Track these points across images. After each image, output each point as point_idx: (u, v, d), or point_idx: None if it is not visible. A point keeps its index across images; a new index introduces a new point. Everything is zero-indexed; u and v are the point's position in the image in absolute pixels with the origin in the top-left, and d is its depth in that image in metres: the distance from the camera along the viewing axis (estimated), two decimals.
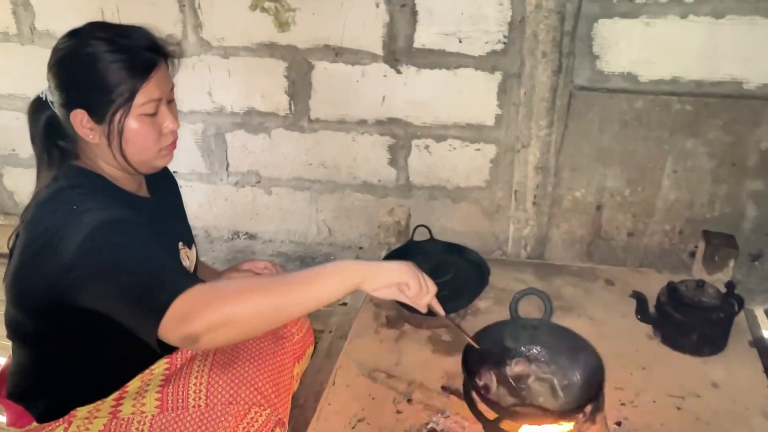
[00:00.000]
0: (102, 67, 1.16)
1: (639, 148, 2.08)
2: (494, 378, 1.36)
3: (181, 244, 1.41)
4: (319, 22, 2.11)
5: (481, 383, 1.30)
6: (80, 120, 1.18)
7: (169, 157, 1.30)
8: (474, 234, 2.35)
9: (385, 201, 2.37)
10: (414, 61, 2.12)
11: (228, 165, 2.44)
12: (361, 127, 2.26)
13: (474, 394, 1.27)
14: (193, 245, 1.49)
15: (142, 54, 1.18)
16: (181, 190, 2.48)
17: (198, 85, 2.30)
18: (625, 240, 2.24)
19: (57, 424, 1.30)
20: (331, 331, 1.79)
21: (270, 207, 2.50)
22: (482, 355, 1.38)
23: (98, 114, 1.18)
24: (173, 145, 1.28)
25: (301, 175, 2.41)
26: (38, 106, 1.24)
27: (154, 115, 1.21)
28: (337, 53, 2.15)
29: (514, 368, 1.39)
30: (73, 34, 1.19)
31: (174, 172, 2.44)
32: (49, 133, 1.24)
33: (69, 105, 1.19)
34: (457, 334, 1.75)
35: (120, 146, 1.21)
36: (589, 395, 1.22)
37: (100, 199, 1.18)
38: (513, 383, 1.35)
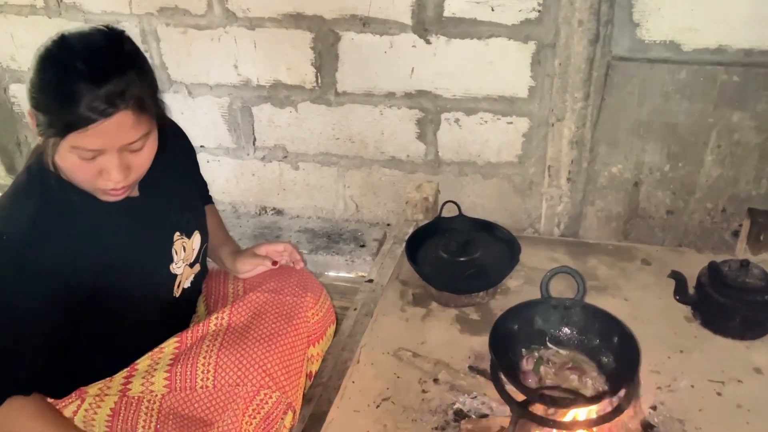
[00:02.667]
0: (50, 88, 1.06)
1: (681, 121, 1.97)
2: (524, 359, 1.30)
3: (177, 234, 1.35)
4: None
5: (509, 364, 1.24)
6: (33, 121, 1.11)
7: (113, 197, 1.17)
8: (505, 211, 2.28)
9: (414, 177, 2.31)
10: (444, 30, 2.04)
11: (255, 139, 2.41)
12: (389, 101, 2.20)
13: (502, 376, 1.21)
14: (196, 232, 1.41)
15: (94, 100, 1.03)
16: (209, 165, 2.50)
17: (224, 57, 2.25)
18: (663, 218, 2.14)
19: (70, 400, 1.30)
20: (356, 309, 1.75)
21: (297, 182, 2.46)
22: (511, 336, 1.32)
23: (38, 127, 1.09)
24: (118, 190, 1.15)
25: (327, 150, 2.36)
26: None
27: (92, 159, 1.09)
28: (364, 23, 2.09)
29: (545, 349, 1.33)
30: (60, 39, 1.09)
31: (201, 146, 2.46)
32: None
33: (29, 101, 1.10)
34: (486, 313, 1.71)
35: (54, 165, 1.13)
36: (624, 378, 1.15)
37: (23, 232, 1.11)
38: (543, 365, 1.29)
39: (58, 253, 1.14)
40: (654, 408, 1.42)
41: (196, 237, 1.42)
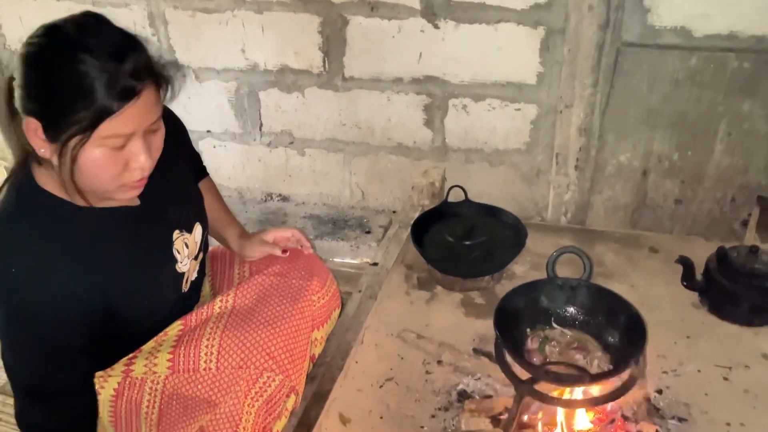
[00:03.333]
0: (69, 82, 0.98)
1: (690, 109, 1.95)
2: (529, 338, 1.29)
3: (176, 233, 1.32)
4: None
5: (514, 342, 1.23)
6: (33, 129, 1.02)
7: (134, 191, 1.13)
8: (512, 199, 2.26)
9: (420, 164, 2.29)
10: (453, 15, 2.02)
11: (261, 125, 2.40)
12: (396, 86, 2.19)
13: (506, 354, 1.20)
14: (197, 224, 1.38)
15: (121, 79, 0.99)
16: (215, 150, 2.49)
17: (231, 41, 2.25)
18: (671, 208, 2.12)
19: None
20: (360, 291, 1.74)
21: (303, 169, 2.46)
22: (516, 315, 1.31)
23: (53, 132, 1.01)
24: (141, 181, 1.11)
25: (334, 136, 2.35)
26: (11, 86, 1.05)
27: (121, 148, 1.05)
28: (372, 7, 2.08)
29: (550, 329, 1.31)
30: (53, 31, 1.02)
31: (207, 131, 2.46)
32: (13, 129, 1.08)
33: (26, 110, 1.02)
34: (491, 298, 1.70)
35: (71, 172, 1.03)
36: (630, 356, 1.14)
37: (28, 262, 1.09)
38: (548, 344, 1.27)
39: (65, 276, 1.12)
40: (659, 392, 1.41)
41: (197, 229, 1.39)
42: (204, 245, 1.46)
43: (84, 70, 0.98)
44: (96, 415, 1.27)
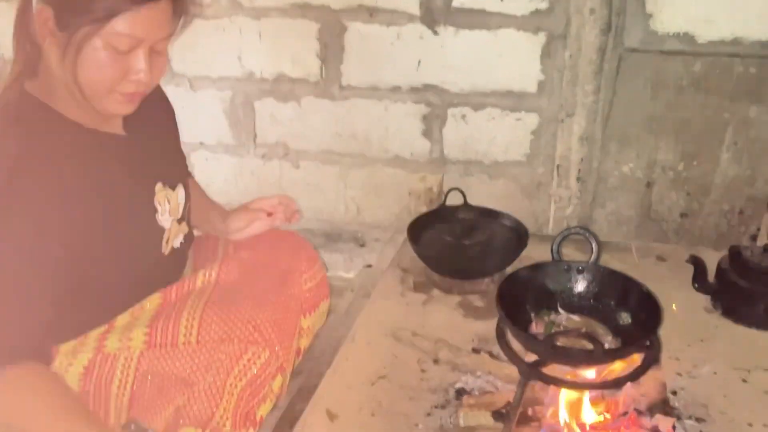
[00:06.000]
0: None
1: (695, 116, 1.91)
2: (533, 323, 1.20)
3: (159, 185, 1.25)
4: None
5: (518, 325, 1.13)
6: (44, 19, 1.01)
7: (124, 106, 1.11)
8: (511, 214, 2.19)
9: (417, 177, 2.23)
10: (452, 21, 2.00)
11: (255, 136, 2.35)
12: (394, 95, 2.15)
13: (509, 335, 1.10)
14: (180, 186, 1.32)
15: None
16: (207, 163, 2.43)
17: (228, 49, 2.22)
18: (677, 221, 2.05)
19: None
20: (353, 291, 1.65)
21: (297, 182, 2.39)
22: (520, 299, 1.22)
23: (64, 19, 1.00)
24: (134, 95, 1.10)
25: (330, 147, 2.29)
26: None
27: (125, 51, 1.03)
28: (371, 13, 2.06)
29: (556, 315, 1.22)
30: None
31: (200, 143, 2.40)
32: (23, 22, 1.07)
33: None
34: (491, 300, 1.60)
35: (73, 65, 1.03)
36: (646, 333, 1.04)
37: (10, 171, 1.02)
38: (555, 329, 1.18)
39: (47, 190, 1.05)
40: (674, 393, 1.30)
41: (180, 191, 1.32)
42: (189, 222, 1.38)
43: None
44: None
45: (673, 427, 1.12)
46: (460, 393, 1.31)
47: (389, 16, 2.05)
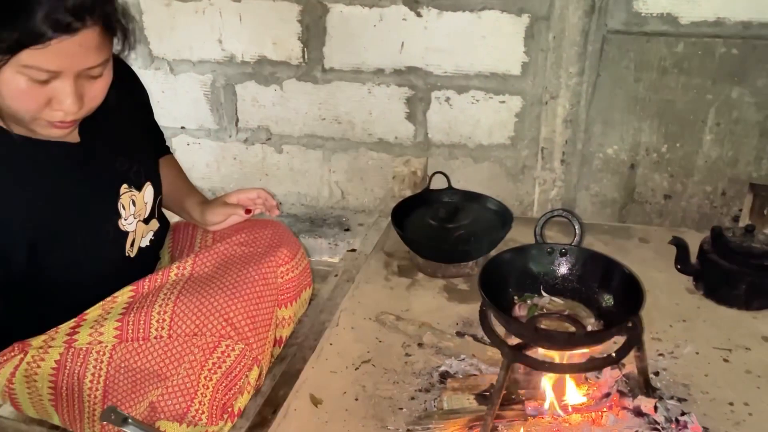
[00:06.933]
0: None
1: (678, 98, 1.91)
2: (516, 306, 1.19)
3: (124, 187, 1.23)
4: None
5: (501, 308, 1.13)
6: None
7: (55, 131, 1.04)
8: (496, 197, 2.13)
9: (402, 160, 2.22)
10: (435, 2, 1.98)
11: (237, 120, 2.32)
12: (377, 78, 2.13)
13: (492, 317, 1.10)
14: (147, 184, 1.28)
15: (60, 11, 0.91)
16: (189, 148, 2.40)
17: (208, 32, 2.18)
18: (661, 203, 2.05)
19: (12, 354, 1.17)
20: (336, 275, 1.64)
21: (280, 167, 2.37)
22: (503, 282, 1.21)
23: None
24: (66, 123, 1.03)
25: (313, 131, 2.27)
26: None
27: (45, 80, 0.96)
28: None
29: (539, 298, 1.22)
30: None
31: (182, 127, 2.37)
32: None
33: None
34: (475, 284, 1.59)
35: None
36: (629, 314, 1.04)
37: None
38: (537, 311, 1.18)
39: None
40: (656, 373, 1.31)
41: (148, 189, 1.29)
42: (160, 216, 1.35)
43: None
44: None
45: (655, 408, 1.12)
46: (444, 376, 1.31)
47: None
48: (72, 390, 1.15)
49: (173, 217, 1.51)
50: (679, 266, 1.56)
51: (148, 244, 1.31)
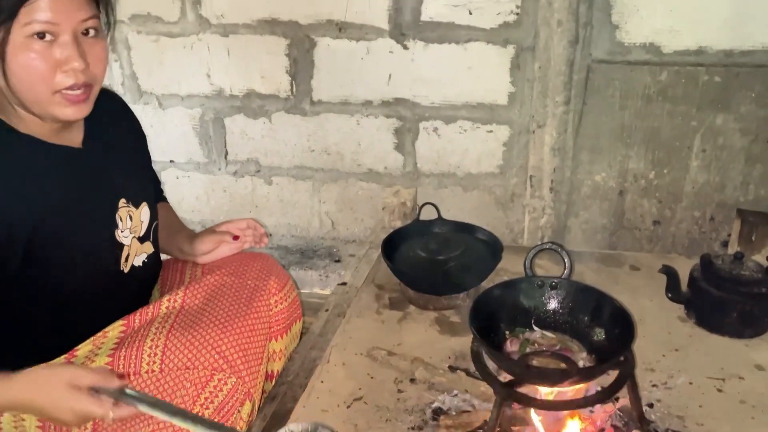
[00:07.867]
0: None
1: (664, 125, 1.93)
2: (508, 341, 1.19)
3: (122, 201, 1.24)
4: None
5: (492, 344, 1.12)
6: None
7: (72, 108, 1.07)
8: (486, 225, 2.10)
9: (391, 191, 2.22)
10: (421, 35, 2.00)
11: (227, 153, 2.32)
12: (366, 109, 2.14)
13: (485, 354, 1.09)
14: (144, 204, 1.30)
15: None
16: (178, 181, 2.40)
17: (197, 66, 2.19)
18: (650, 229, 2.06)
19: None
20: (327, 310, 1.63)
21: (270, 198, 2.36)
22: (494, 317, 1.21)
23: None
24: (81, 94, 1.06)
25: (302, 162, 2.27)
26: None
27: (49, 41, 1.01)
28: (340, 28, 2.05)
29: (530, 332, 1.21)
30: None
31: (171, 161, 2.37)
32: None
33: None
34: (467, 316, 1.59)
35: (5, 75, 1.02)
36: (619, 351, 1.04)
37: None
38: (529, 347, 1.17)
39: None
40: (650, 405, 1.30)
41: (144, 209, 1.30)
42: (155, 241, 1.35)
43: None
44: None
45: None
46: (437, 413, 1.29)
47: (358, 31, 2.04)
48: (61, 429, 1.13)
49: (164, 257, 1.50)
50: (669, 295, 1.56)
51: (141, 264, 1.30)
